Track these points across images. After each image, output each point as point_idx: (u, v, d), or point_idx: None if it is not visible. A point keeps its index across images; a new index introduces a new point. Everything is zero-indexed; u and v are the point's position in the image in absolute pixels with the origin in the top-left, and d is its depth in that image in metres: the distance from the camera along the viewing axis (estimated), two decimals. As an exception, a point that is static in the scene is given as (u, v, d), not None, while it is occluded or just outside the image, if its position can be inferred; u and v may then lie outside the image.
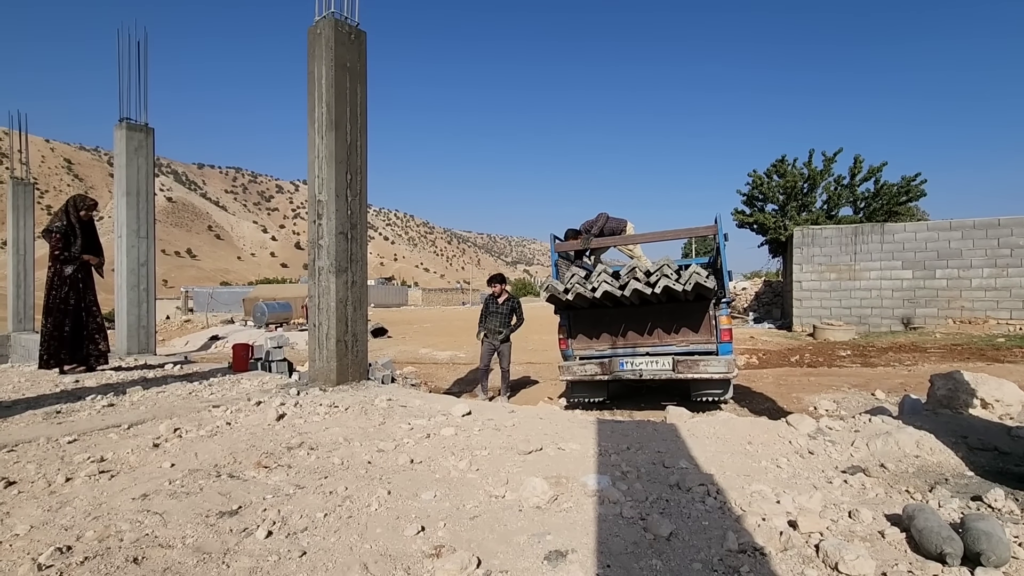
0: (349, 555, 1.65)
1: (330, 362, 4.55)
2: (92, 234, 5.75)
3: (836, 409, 6.05)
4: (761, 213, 20.16)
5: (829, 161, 19.31)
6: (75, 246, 5.53)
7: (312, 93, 4.63)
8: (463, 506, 2.02)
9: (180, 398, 4.28)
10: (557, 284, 5.66)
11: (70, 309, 5.49)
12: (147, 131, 7.53)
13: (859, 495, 2.10)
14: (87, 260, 5.60)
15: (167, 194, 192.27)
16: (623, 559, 1.60)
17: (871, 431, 2.83)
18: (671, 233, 6.48)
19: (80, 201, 5.71)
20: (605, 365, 5.82)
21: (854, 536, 1.71)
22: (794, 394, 7.00)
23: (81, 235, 5.58)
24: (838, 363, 9.80)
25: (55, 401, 4.10)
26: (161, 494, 2.15)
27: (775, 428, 3.05)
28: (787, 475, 2.34)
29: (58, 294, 5.45)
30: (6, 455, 2.76)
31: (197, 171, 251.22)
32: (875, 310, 14.60)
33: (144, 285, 7.46)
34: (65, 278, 5.47)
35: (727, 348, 5.71)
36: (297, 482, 2.29)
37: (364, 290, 4.82)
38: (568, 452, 2.68)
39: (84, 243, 5.60)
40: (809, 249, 15.30)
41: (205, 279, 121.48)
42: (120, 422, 3.40)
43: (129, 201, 7.32)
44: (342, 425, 3.27)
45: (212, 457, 2.65)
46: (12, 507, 2.07)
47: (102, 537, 1.78)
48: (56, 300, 5.44)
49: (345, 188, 4.60)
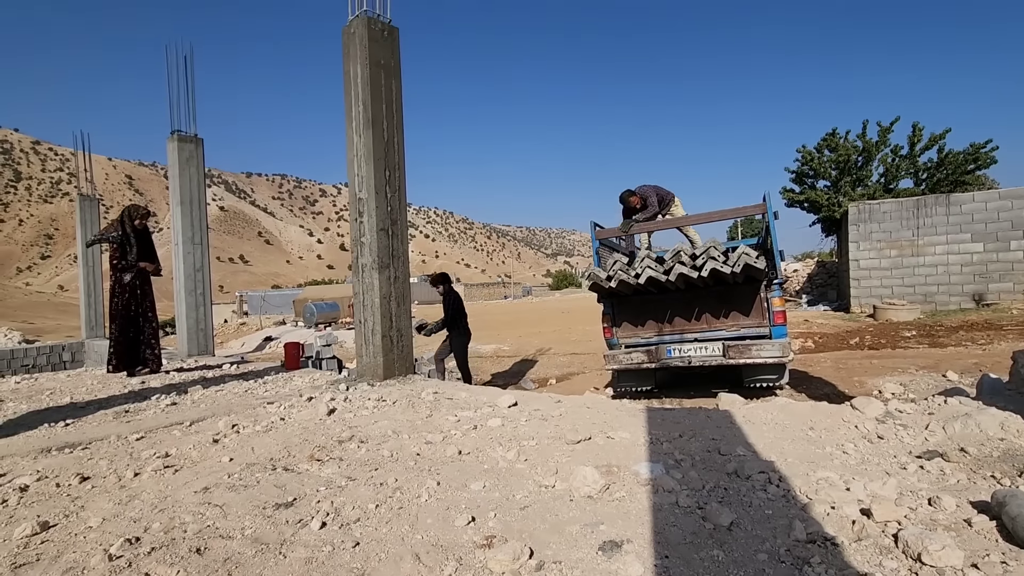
0: (401, 545, 1.64)
1: (376, 357, 4.61)
2: (147, 242, 6.03)
3: (904, 392, 5.70)
4: (812, 190, 19.28)
5: (885, 131, 18.22)
6: (131, 254, 5.81)
7: (348, 92, 4.68)
8: (513, 496, 1.99)
9: (237, 396, 4.43)
10: (599, 272, 5.55)
11: (131, 315, 5.79)
12: (197, 141, 7.84)
13: (938, 481, 1.95)
14: (143, 267, 5.87)
15: (219, 203, 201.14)
16: (682, 549, 1.53)
17: (947, 413, 2.63)
18: (717, 214, 6.25)
19: (134, 211, 5.99)
20: (652, 353, 5.67)
21: (936, 525, 1.58)
22: (856, 378, 6.65)
23: (137, 243, 5.86)
24: (903, 344, 9.26)
25: (124, 401, 4.33)
26: (221, 487, 2.22)
27: (839, 412, 2.88)
28: (855, 461, 2.20)
29: (119, 301, 5.75)
30: (81, 452, 2.92)
31: (245, 180, 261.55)
32: (942, 287, 13.71)
33: (200, 290, 7.79)
34: (125, 286, 5.76)
35: (781, 331, 5.46)
36: (349, 474, 2.31)
37: (407, 285, 4.86)
38: (618, 441, 2.61)
39: (140, 251, 5.88)
40: (867, 225, 14.49)
41: (257, 283, 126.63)
42: (183, 419, 3.55)
43: (183, 210, 7.64)
44: (390, 418, 3.30)
45: (268, 451, 2.72)
46: (86, 501, 2.17)
47: (167, 528, 1.84)
48: (119, 307, 5.75)
49: (384, 185, 4.64)
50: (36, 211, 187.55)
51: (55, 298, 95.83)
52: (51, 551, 1.73)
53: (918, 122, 17.82)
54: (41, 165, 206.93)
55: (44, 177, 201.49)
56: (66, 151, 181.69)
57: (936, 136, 17.47)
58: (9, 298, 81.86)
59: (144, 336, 5.91)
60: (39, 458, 2.84)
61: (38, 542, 1.80)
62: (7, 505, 2.16)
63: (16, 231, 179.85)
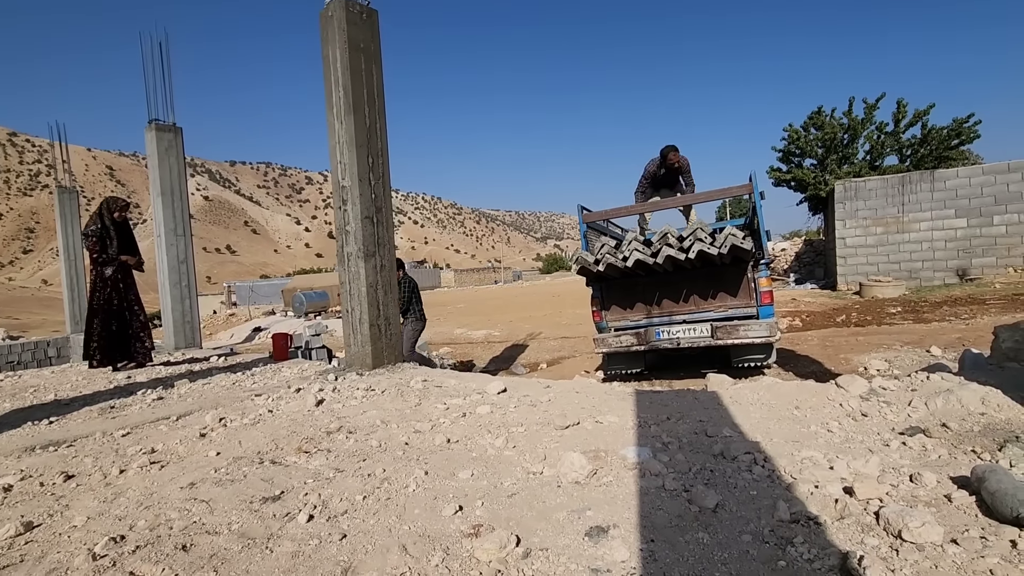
0: (388, 537, 1.64)
1: (365, 346, 4.59)
2: (128, 234, 5.92)
3: (888, 368, 5.79)
4: (799, 169, 19.30)
5: (871, 108, 18.20)
6: (111, 248, 5.70)
7: (328, 78, 4.58)
8: (501, 484, 2.00)
9: (224, 389, 4.40)
10: (587, 255, 5.54)
11: (114, 309, 5.70)
12: (176, 131, 7.68)
13: (920, 458, 1.97)
14: (125, 260, 5.77)
15: (203, 193, 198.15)
16: (667, 533, 1.54)
17: (930, 389, 2.67)
18: (703, 195, 6.25)
19: (113, 203, 5.86)
20: (641, 335, 5.71)
21: (917, 501, 1.60)
22: (842, 355, 6.74)
23: (117, 236, 5.75)
24: (888, 321, 9.39)
25: (109, 397, 4.28)
26: (207, 482, 2.20)
27: (824, 391, 2.91)
28: (839, 440, 2.23)
29: (101, 295, 5.66)
30: (65, 450, 2.88)
31: (229, 168, 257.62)
32: (927, 263, 13.88)
33: (185, 282, 7.70)
34: (107, 279, 5.67)
35: (768, 311, 5.51)
36: (336, 466, 2.30)
37: (393, 274, 4.82)
38: (606, 425, 2.62)
39: (120, 244, 5.77)
40: (852, 203, 14.59)
41: (245, 273, 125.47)
42: (169, 414, 3.51)
43: (164, 200, 7.51)
44: (379, 408, 3.30)
45: (255, 444, 2.70)
46: (71, 499, 2.15)
47: (153, 526, 1.83)
48: (100, 301, 5.65)
49: (368, 172, 4.58)
50: (15, 204, 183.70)
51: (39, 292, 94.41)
52: (35, 551, 1.71)
53: (902, 98, 17.81)
54: (19, 157, 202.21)
55: (22, 169, 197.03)
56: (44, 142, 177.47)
57: (920, 112, 17.49)
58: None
59: (132, 330, 5.83)
60: (23, 457, 2.80)
61: (22, 543, 1.78)
62: (-11, 506, 2.13)
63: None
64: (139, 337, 5.88)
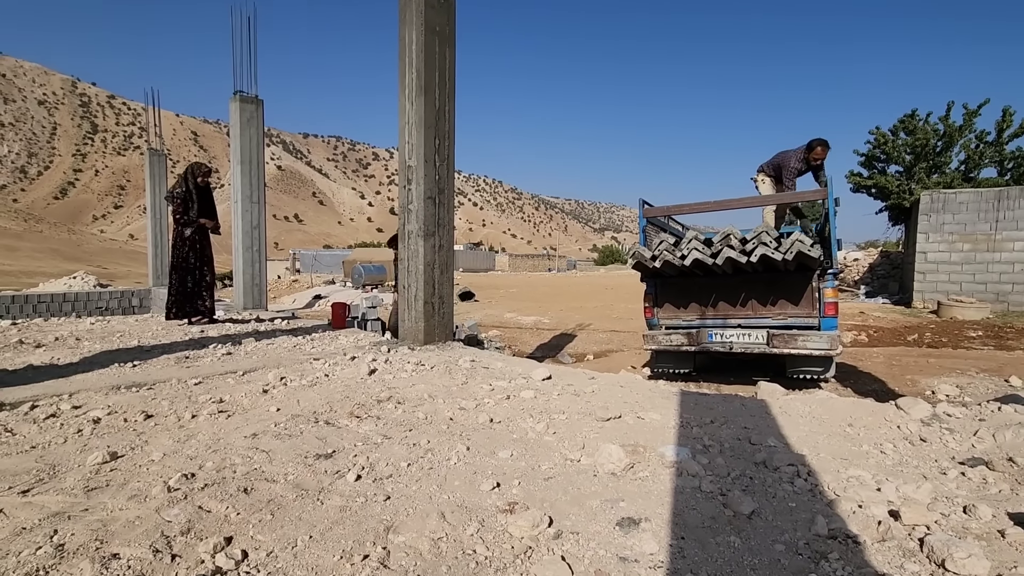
0: (428, 503, 1.74)
1: (418, 323, 4.75)
2: (208, 199, 6.35)
3: (959, 395, 5.42)
4: (882, 176, 18.08)
5: (971, 115, 16.75)
6: (192, 210, 6.14)
7: (403, 58, 4.71)
8: (538, 467, 2.06)
9: (286, 350, 4.68)
10: (644, 251, 5.47)
11: (191, 267, 6.16)
12: (257, 103, 8.09)
13: (978, 490, 1.88)
14: (203, 223, 6.21)
15: (276, 163, 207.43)
16: (699, 533, 1.55)
17: (1000, 420, 2.51)
18: (775, 197, 6.01)
19: (197, 168, 6.30)
20: (692, 336, 5.60)
21: (967, 533, 1.54)
22: (908, 376, 6.36)
23: (198, 200, 6.19)
24: (966, 344, 8.74)
25: (184, 348, 4.65)
26: (268, 435, 2.38)
27: (882, 411, 2.79)
28: (892, 462, 2.15)
29: (179, 253, 6.13)
30: (146, 392, 3.18)
31: (302, 140, 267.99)
32: (1017, 287, 12.76)
33: (257, 247, 8.16)
34: (185, 239, 6.12)
35: (831, 323, 5.27)
36: (385, 432, 2.44)
37: (451, 254, 4.94)
38: (648, 421, 2.63)
39: (201, 207, 6.21)
40: (939, 216, 13.55)
41: (310, 242, 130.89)
42: (236, 368, 3.79)
43: (243, 169, 7.96)
44: (427, 382, 3.43)
45: (311, 405, 2.89)
46: (149, 436, 2.38)
47: (219, 468, 2.01)
48: (179, 259, 6.13)
49: (434, 153, 4.69)
50: (110, 163, 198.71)
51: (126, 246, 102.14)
52: (118, 479, 1.92)
53: (1009, 106, 16.28)
54: (116, 119, 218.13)
55: (118, 130, 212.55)
56: (138, 106, 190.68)
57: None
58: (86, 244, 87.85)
59: (199, 288, 6.29)
60: (110, 394, 3.11)
61: (108, 470, 2.00)
62: (82, 435, 2.39)
63: (92, 181, 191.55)
64: (201, 295, 6.33)
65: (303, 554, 1.44)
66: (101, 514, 1.64)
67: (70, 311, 9.21)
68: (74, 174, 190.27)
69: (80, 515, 1.63)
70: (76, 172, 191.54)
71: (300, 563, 1.40)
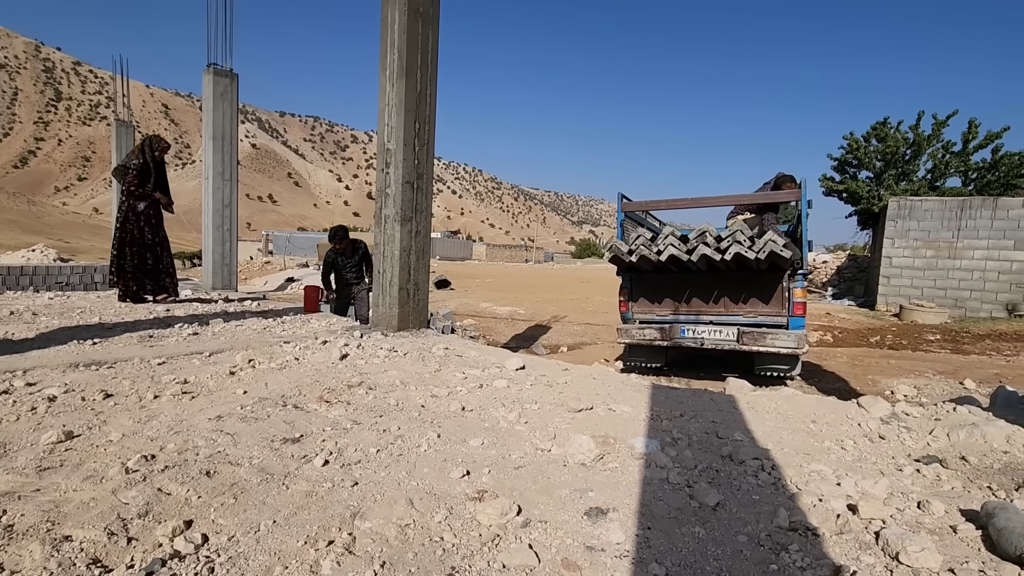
0: (397, 490, 1.72)
1: (392, 308, 4.70)
2: (162, 174, 6.13)
3: (916, 395, 5.63)
4: (854, 181, 18.52)
5: (940, 125, 17.26)
6: (149, 184, 5.92)
7: (384, 39, 4.61)
8: (508, 456, 2.06)
9: (255, 332, 4.58)
10: (621, 245, 5.51)
11: (148, 243, 5.93)
12: (232, 76, 7.84)
13: (932, 487, 1.95)
14: (157, 198, 5.98)
15: (251, 140, 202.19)
16: (665, 523, 1.57)
17: (954, 421, 2.61)
18: (747, 197, 6.11)
19: (156, 142, 6.07)
20: (665, 331, 5.68)
21: (921, 527, 1.60)
22: (870, 376, 6.58)
23: (155, 174, 5.97)
24: (924, 347, 9.08)
25: (148, 327, 4.51)
26: (233, 417, 2.32)
27: (843, 408, 2.87)
28: (852, 458, 2.21)
29: (133, 228, 5.86)
30: (106, 371, 3.07)
31: (279, 119, 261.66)
32: (975, 293, 13.29)
33: (228, 226, 7.95)
34: (139, 213, 5.88)
35: (799, 323, 5.41)
36: (354, 418, 2.40)
37: (427, 240, 4.89)
38: (619, 414, 2.65)
39: (156, 181, 5.99)
40: (905, 222, 13.99)
41: (284, 224, 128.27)
42: (202, 349, 3.69)
43: (215, 145, 7.72)
44: (400, 369, 3.39)
45: (280, 388, 2.83)
46: (108, 416, 2.30)
47: (181, 450, 1.95)
48: (135, 233, 5.86)
49: (413, 137, 4.62)
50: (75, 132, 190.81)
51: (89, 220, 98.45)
52: (73, 459, 1.85)
53: (975, 118, 16.82)
54: (81, 87, 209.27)
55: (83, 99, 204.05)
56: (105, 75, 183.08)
57: (993, 134, 16.49)
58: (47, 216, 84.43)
59: (163, 264, 6.08)
60: (67, 372, 3.00)
61: (62, 449, 1.92)
62: (36, 412, 2.30)
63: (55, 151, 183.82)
64: (169, 272, 6.14)
65: (266, 539, 1.41)
66: (54, 495, 1.58)
67: (27, 285, 8.83)
68: (36, 143, 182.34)
69: (31, 495, 1.57)
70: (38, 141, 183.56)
71: (262, 548, 1.37)
